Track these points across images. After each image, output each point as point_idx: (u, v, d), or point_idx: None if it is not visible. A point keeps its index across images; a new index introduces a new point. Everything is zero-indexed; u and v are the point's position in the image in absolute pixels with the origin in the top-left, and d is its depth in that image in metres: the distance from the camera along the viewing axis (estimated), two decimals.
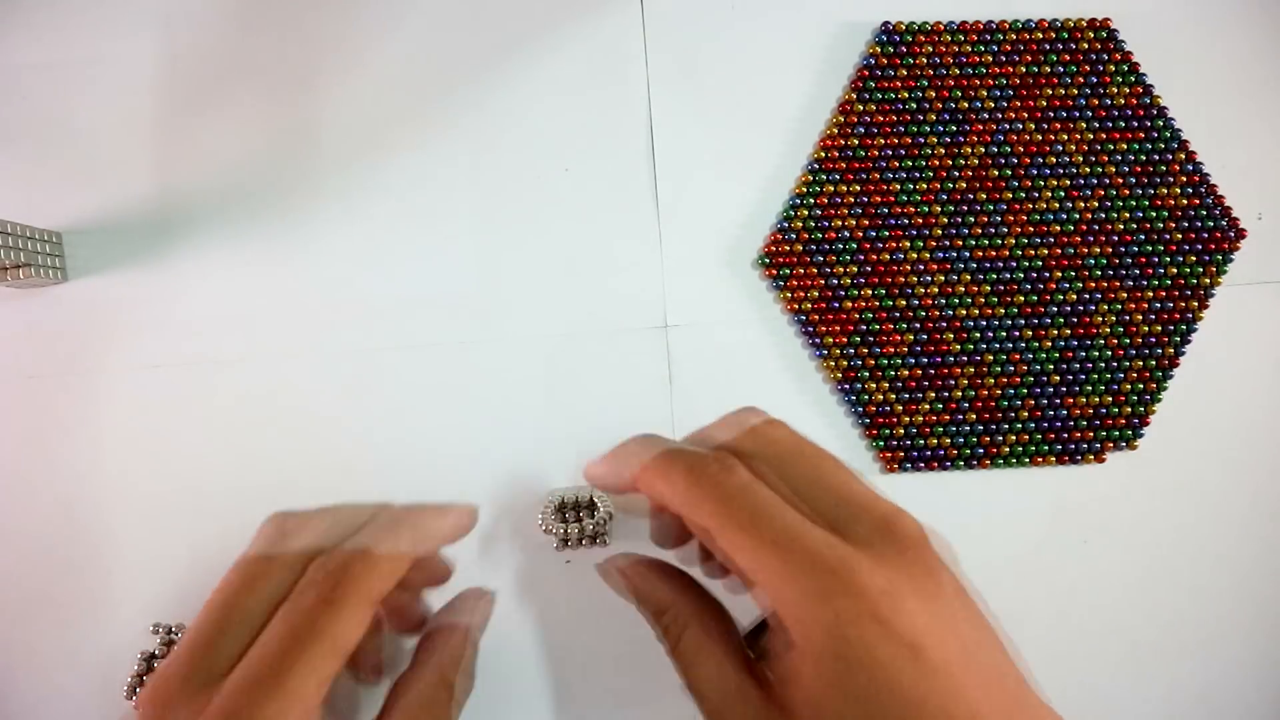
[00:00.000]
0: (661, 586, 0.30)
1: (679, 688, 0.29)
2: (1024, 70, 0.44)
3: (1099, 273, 0.43)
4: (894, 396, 0.43)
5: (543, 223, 0.43)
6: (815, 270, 0.43)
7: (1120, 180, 0.44)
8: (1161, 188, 0.44)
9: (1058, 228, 0.43)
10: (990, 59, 0.44)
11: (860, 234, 0.43)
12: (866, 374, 0.43)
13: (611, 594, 0.42)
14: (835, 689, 0.21)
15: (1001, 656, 0.23)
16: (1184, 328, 0.43)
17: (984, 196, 0.43)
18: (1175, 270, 0.43)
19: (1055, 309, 0.43)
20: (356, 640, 0.26)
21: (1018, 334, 0.43)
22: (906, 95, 0.44)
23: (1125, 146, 0.44)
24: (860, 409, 0.43)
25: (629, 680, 0.41)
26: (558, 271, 0.43)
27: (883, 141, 0.43)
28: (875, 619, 0.21)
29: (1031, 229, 0.43)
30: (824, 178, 0.43)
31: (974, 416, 0.43)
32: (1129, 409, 0.43)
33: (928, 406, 0.43)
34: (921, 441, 0.43)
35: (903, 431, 0.43)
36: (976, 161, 0.43)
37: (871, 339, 0.43)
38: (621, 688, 0.41)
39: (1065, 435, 0.43)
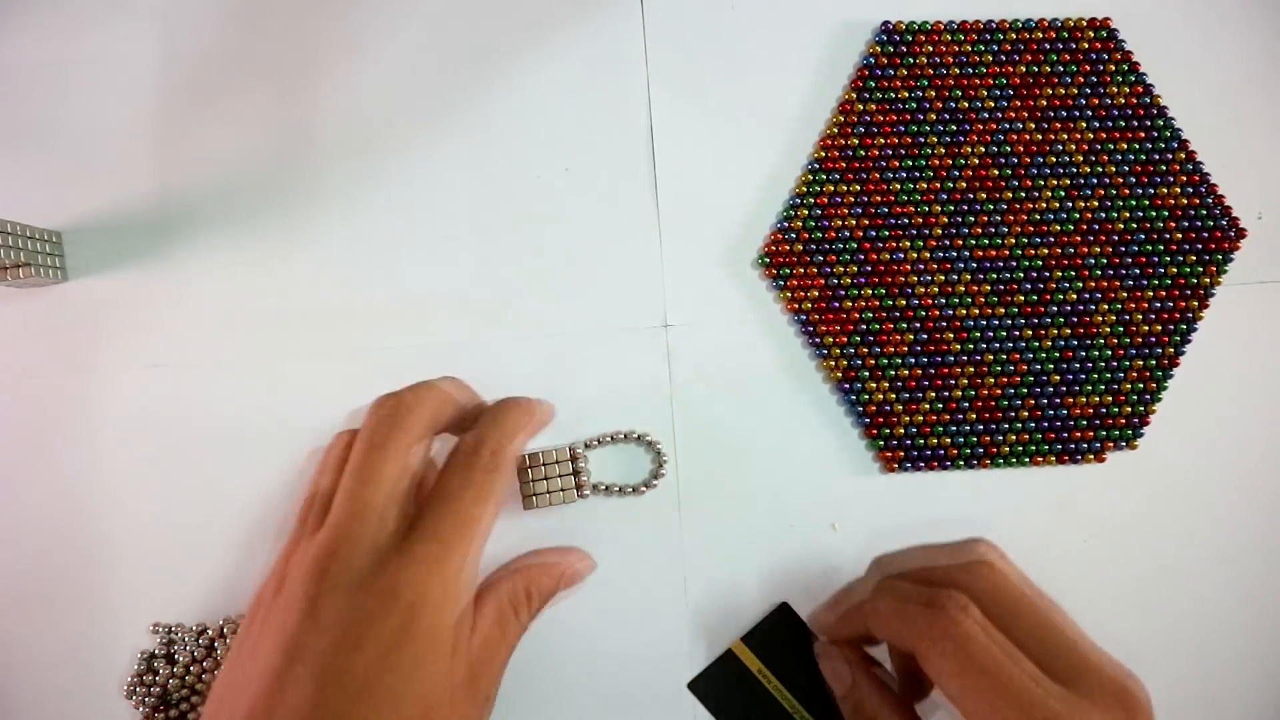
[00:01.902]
0: (883, 696, 0.33)
1: (677, 687, 0.29)
2: (1024, 70, 0.44)
3: (1099, 273, 0.43)
4: (894, 396, 0.43)
5: (543, 223, 0.43)
6: (815, 270, 0.43)
7: (1120, 180, 0.44)
8: (1161, 188, 0.44)
9: (1058, 228, 0.43)
10: (990, 59, 0.44)
11: (860, 234, 0.43)
12: (866, 374, 0.43)
13: (608, 594, 0.42)
14: None
15: None
16: (1184, 328, 0.43)
17: (984, 196, 0.43)
18: (1175, 270, 0.43)
19: (1055, 309, 0.43)
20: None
21: (1018, 334, 0.43)
22: (906, 95, 0.44)
23: (1125, 146, 0.44)
24: (860, 409, 0.43)
25: (630, 679, 0.41)
26: (558, 271, 0.43)
27: (883, 141, 0.43)
28: None
29: (1031, 229, 0.43)
30: (824, 178, 0.43)
31: (974, 416, 0.43)
32: (1129, 409, 0.43)
33: (928, 406, 0.43)
34: (921, 441, 0.43)
35: (903, 431, 0.43)
36: (976, 161, 0.43)
37: (871, 339, 0.43)
38: (622, 687, 0.41)
39: (1065, 435, 0.43)
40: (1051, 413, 0.43)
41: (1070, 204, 0.43)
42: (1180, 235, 0.43)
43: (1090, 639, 0.27)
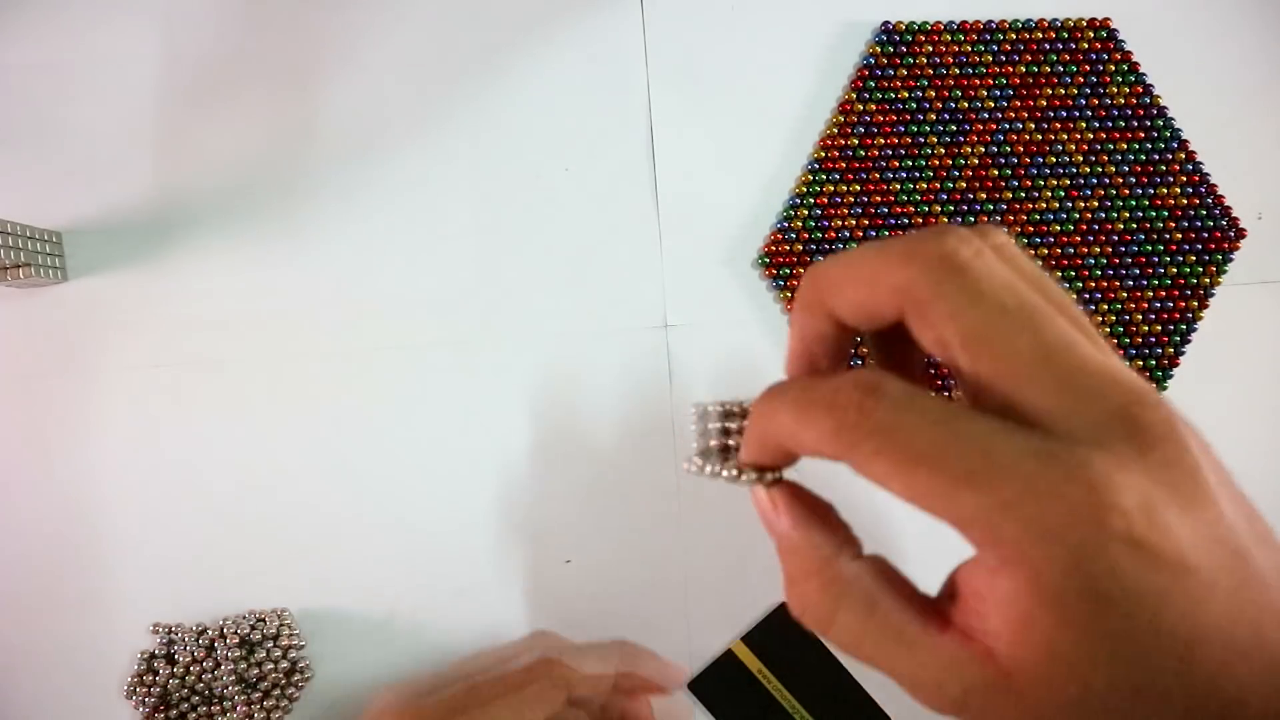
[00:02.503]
0: (823, 537, 0.23)
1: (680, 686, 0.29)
2: (1024, 70, 0.44)
3: (1099, 273, 0.43)
4: None
5: (543, 223, 0.43)
6: None
7: (1120, 180, 0.44)
8: (1161, 188, 0.44)
9: (1058, 228, 0.43)
10: (990, 59, 0.44)
11: (860, 234, 0.43)
12: None
13: (608, 594, 0.42)
14: (1084, 638, 0.16)
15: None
16: (1184, 328, 0.43)
17: (984, 196, 0.43)
18: (1175, 270, 0.43)
19: None
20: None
21: None
22: (906, 95, 0.44)
23: (1125, 146, 0.44)
24: None
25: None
26: (558, 271, 0.43)
27: (883, 141, 0.43)
28: (1129, 543, 0.16)
29: (1031, 229, 0.43)
30: (824, 178, 0.43)
31: None
32: None
33: None
34: None
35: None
36: (976, 161, 0.43)
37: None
38: None
39: None
40: None
41: (1070, 204, 0.43)
42: (1180, 235, 0.43)
43: (1099, 339, 0.20)
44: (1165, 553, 0.17)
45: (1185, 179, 0.44)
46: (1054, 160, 0.44)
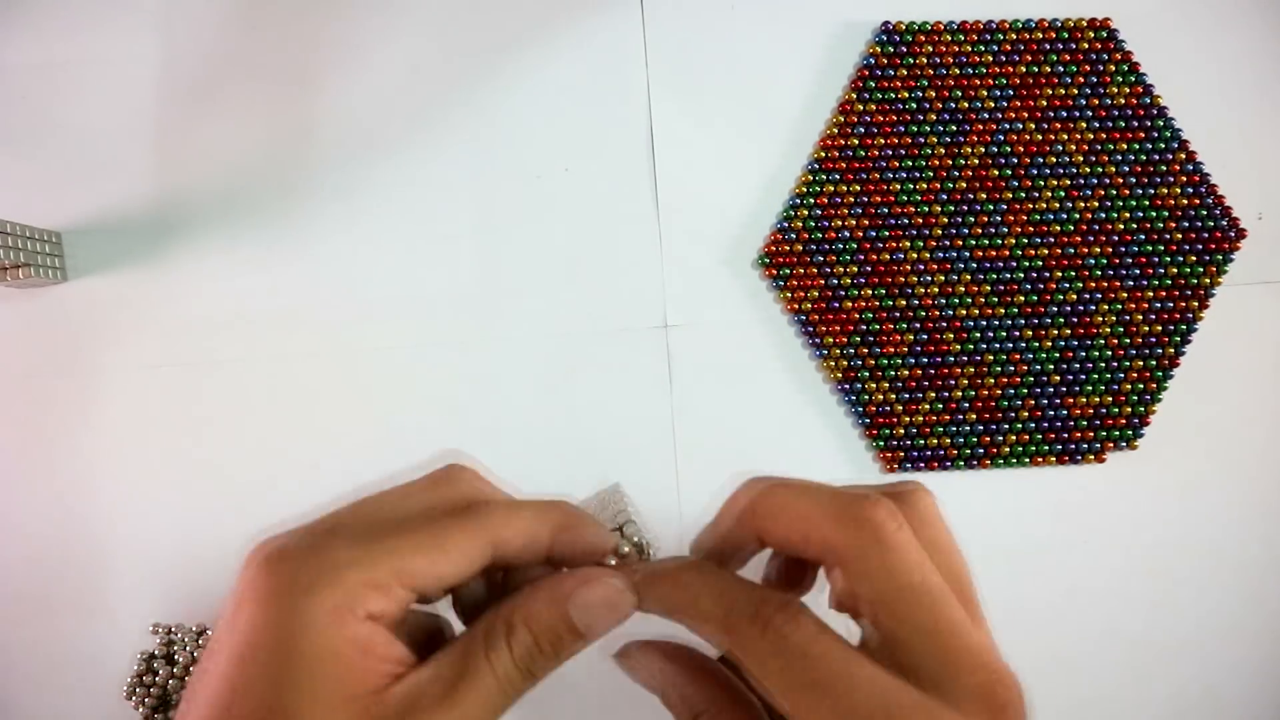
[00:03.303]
0: (698, 686, 0.27)
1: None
2: (1024, 70, 0.44)
3: (1099, 273, 0.43)
4: (894, 396, 0.43)
5: (543, 223, 0.43)
6: (815, 270, 0.43)
7: (1120, 180, 0.44)
8: (1161, 188, 0.44)
9: (1058, 228, 0.43)
10: (990, 59, 0.44)
11: (860, 234, 0.43)
12: (866, 374, 0.43)
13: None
14: None
15: None
16: (1184, 328, 0.43)
17: (984, 196, 0.43)
18: (1175, 270, 0.43)
19: (1055, 309, 0.43)
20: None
21: (1018, 334, 0.43)
22: (906, 95, 0.44)
23: (1125, 146, 0.44)
24: (860, 409, 0.43)
25: (629, 679, 0.41)
26: (558, 271, 0.43)
27: (883, 141, 0.43)
28: None
29: (1031, 229, 0.43)
30: (824, 178, 0.43)
31: (974, 416, 0.43)
32: (1129, 409, 0.43)
33: (928, 406, 0.43)
34: (921, 441, 0.43)
35: (903, 431, 0.43)
36: (976, 161, 0.43)
37: (871, 339, 0.43)
38: (621, 687, 0.41)
39: (1065, 435, 0.43)
40: (1051, 413, 0.43)
41: (1070, 204, 0.43)
42: (1180, 235, 0.43)
43: (963, 629, 0.23)
44: None
45: (1185, 179, 0.44)
46: (1054, 160, 0.44)
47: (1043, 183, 0.43)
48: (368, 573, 0.22)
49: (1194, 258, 0.43)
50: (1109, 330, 0.43)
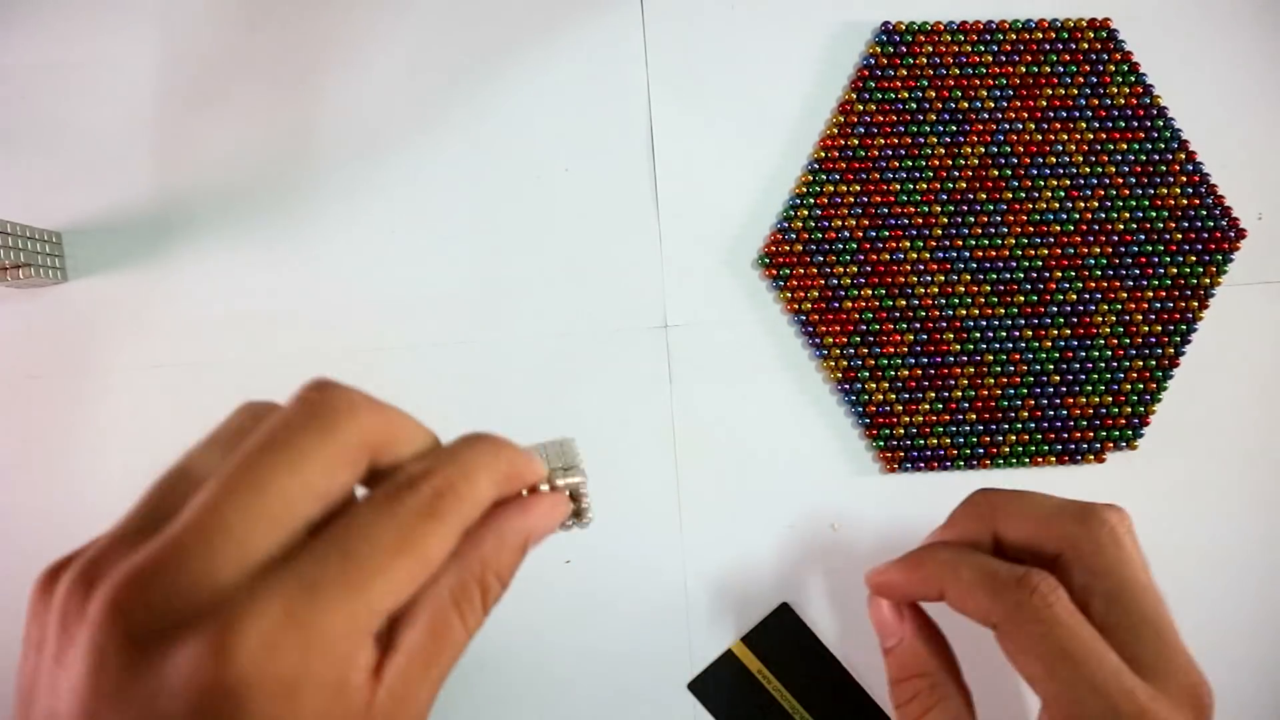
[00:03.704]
0: (935, 652, 0.30)
1: (677, 687, 0.29)
2: (1024, 70, 0.44)
3: (1099, 273, 0.43)
4: (894, 396, 0.43)
5: (543, 223, 0.43)
6: (815, 270, 0.43)
7: (1120, 180, 0.44)
8: (1161, 188, 0.44)
9: (1058, 228, 0.43)
10: (990, 59, 0.44)
11: (860, 234, 0.43)
12: (866, 374, 0.43)
13: (608, 594, 0.42)
14: None
15: None
16: (1184, 328, 0.43)
17: (984, 196, 0.43)
18: (1175, 270, 0.43)
19: (1055, 309, 0.43)
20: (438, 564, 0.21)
21: (1018, 334, 0.43)
22: (906, 95, 0.44)
23: (1125, 146, 0.44)
24: (860, 409, 0.43)
25: (630, 679, 0.41)
26: (558, 271, 0.43)
27: (883, 141, 0.43)
28: None
29: (1031, 229, 0.43)
30: (824, 178, 0.43)
31: (974, 416, 0.43)
32: (1129, 409, 0.43)
33: (928, 406, 0.43)
34: (921, 441, 0.43)
35: (903, 431, 0.43)
36: (976, 161, 0.43)
37: (871, 339, 0.43)
38: (621, 687, 0.41)
39: (1065, 435, 0.43)
40: (1051, 413, 0.43)
41: (1070, 204, 0.43)
42: (1180, 235, 0.43)
43: (1177, 634, 0.28)
44: None
45: (1185, 179, 0.44)
46: (1054, 160, 0.44)
47: (1043, 183, 0.43)
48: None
49: (1194, 258, 0.43)
50: (1109, 330, 0.43)
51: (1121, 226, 0.43)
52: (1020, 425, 0.43)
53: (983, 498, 0.31)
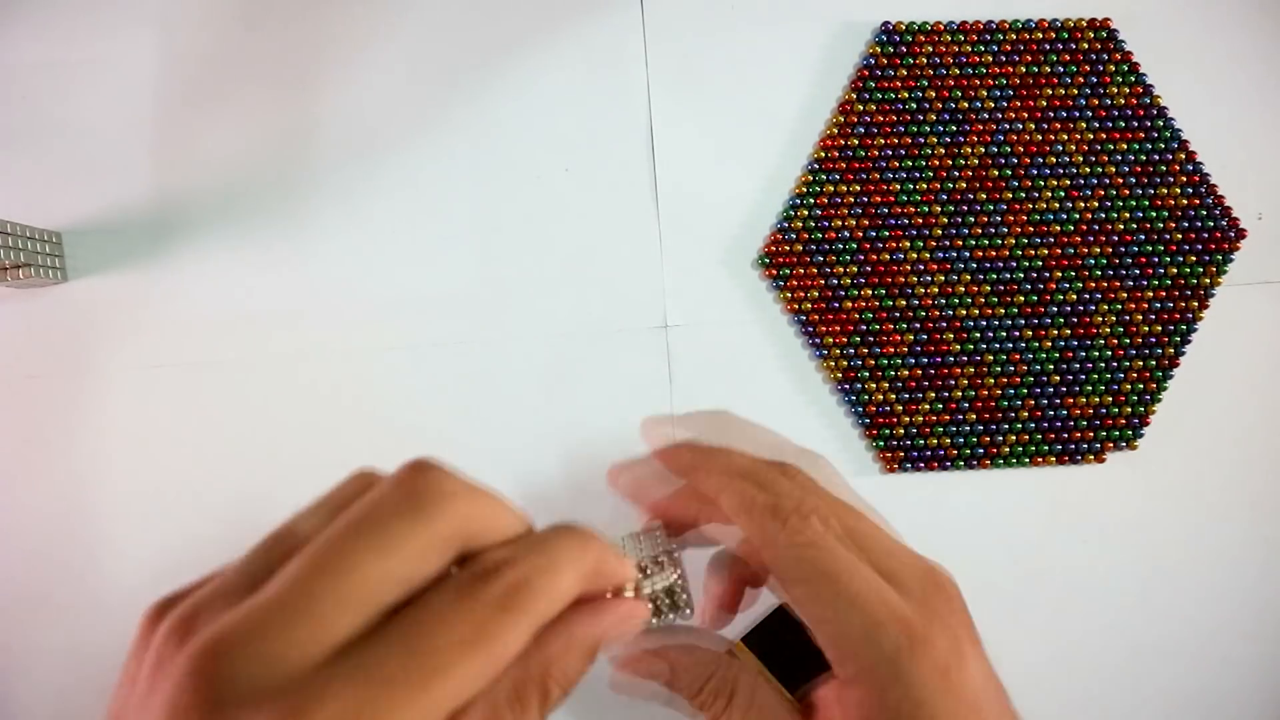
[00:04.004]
0: (699, 656, 0.29)
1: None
2: (1024, 70, 0.44)
3: (1099, 273, 0.43)
4: (894, 396, 0.43)
5: (543, 223, 0.43)
6: (815, 270, 0.43)
7: (1120, 180, 0.44)
8: (1161, 188, 0.44)
9: (1058, 228, 0.43)
10: (990, 59, 0.44)
11: (860, 234, 0.43)
12: (866, 374, 0.43)
13: None
14: None
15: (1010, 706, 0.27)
16: (1184, 328, 0.43)
17: (984, 196, 0.43)
18: (1175, 270, 0.43)
19: (1055, 309, 0.43)
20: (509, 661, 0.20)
21: (1018, 334, 0.43)
22: (906, 95, 0.44)
23: (1125, 146, 0.44)
24: (860, 409, 0.43)
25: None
26: (558, 271, 0.43)
27: (883, 141, 0.43)
28: (943, 676, 0.24)
29: (1031, 229, 0.43)
30: (824, 178, 0.43)
31: (974, 416, 0.43)
32: (1129, 409, 0.43)
33: (928, 406, 0.43)
34: (921, 441, 0.43)
35: (903, 431, 0.43)
36: (976, 161, 0.43)
37: (871, 339, 0.43)
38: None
39: (1065, 435, 0.43)
40: (1051, 413, 0.43)
41: (1070, 204, 0.43)
42: (1180, 235, 0.43)
43: (898, 536, 0.28)
44: (965, 692, 0.24)
45: (1185, 179, 0.44)
46: (1054, 160, 0.44)
47: (1043, 183, 0.43)
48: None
49: (1194, 258, 0.43)
50: (1109, 330, 0.43)
51: (1121, 226, 0.43)
52: (1020, 425, 0.43)
53: (688, 451, 0.32)
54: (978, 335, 0.43)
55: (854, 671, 0.25)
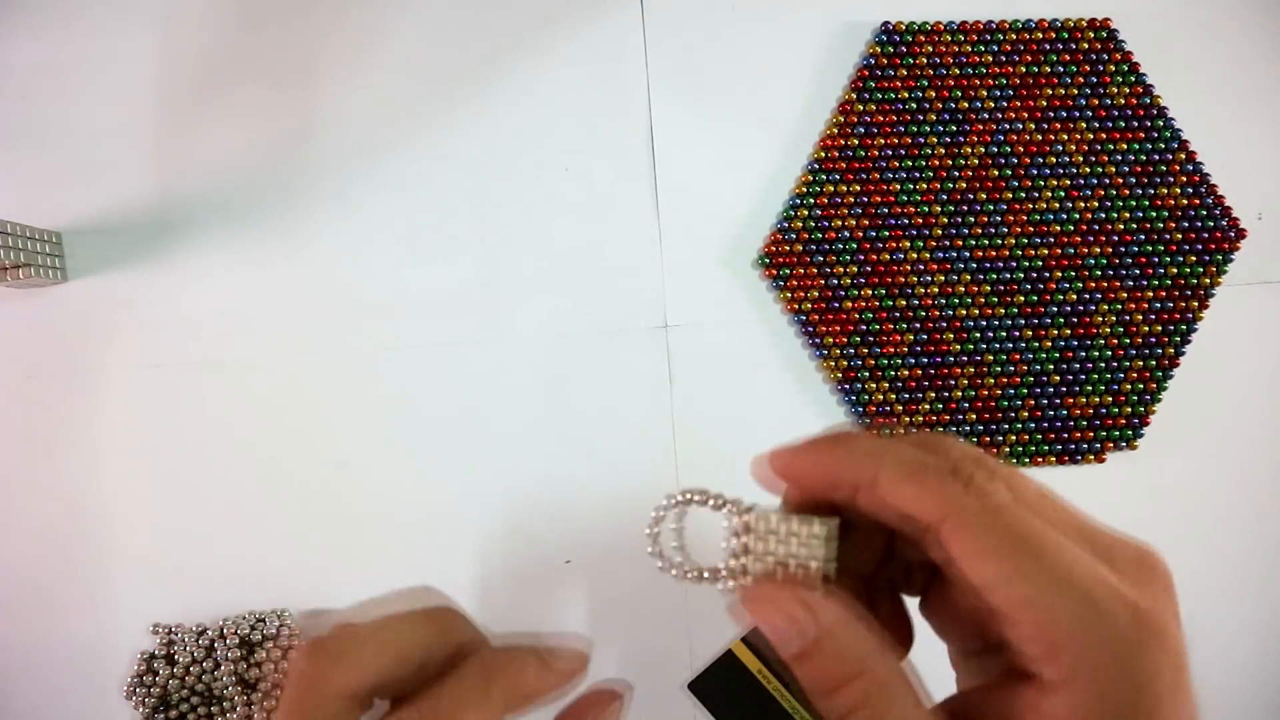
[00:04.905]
0: (863, 641, 0.22)
1: (677, 687, 0.29)
2: (1024, 70, 0.44)
3: (1099, 273, 0.43)
4: (894, 396, 0.43)
5: (543, 223, 0.43)
6: (815, 270, 0.43)
7: (1120, 180, 0.44)
8: (1161, 188, 0.44)
9: (1058, 228, 0.43)
10: (990, 59, 0.44)
11: (860, 234, 0.43)
12: (866, 374, 0.43)
13: (612, 595, 0.42)
14: None
15: None
16: (1184, 328, 0.43)
17: (984, 196, 0.43)
18: (1175, 270, 0.43)
19: (1055, 309, 0.43)
20: None
21: (1018, 334, 0.43)
22: (906, 95, 0.44)
23: (1125, 146, 0.44)
24: (860, 409, 0.43)
25: (630, 679, 0.41)
26: (558, 271, 0.43)
27: (883, 141, 0.43)
28: (1177, 676, 0.20)
29: (1031, 229, 0.43)
30: (824, 178, 0.43)
31: (974, 416, 0.43)
32: (1129, 409, 0.43)
33: (928, 406, 0.43)
34: None
35: (903, 431, 0.43)
36: (976, 161, 0.43)
37: (871, 339, 0.43)
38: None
39: (1065, 435, 0.43)
40: (1051, 413, 0.43)
41: (1070, 204, 0.43)
42: (1180, 235, 0.43)
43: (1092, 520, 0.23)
44: (1189, 686, 0.20)
45: (1185, 179, 0.44)
46: (1054, 160, 0.44)
47: (1043, 183, 0.43)
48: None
49: (1194, 258, 0.43)
50: (1109, 330, 0.43)
51: (1121, 226, 0.43)
52: (1020, 425, 0.43)
53: (867, 441, 0.23)
54: (978, 335, 0.43)
55: (1068, 669, 0.19)
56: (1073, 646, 0.19)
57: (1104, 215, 0.43)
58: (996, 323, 0.43)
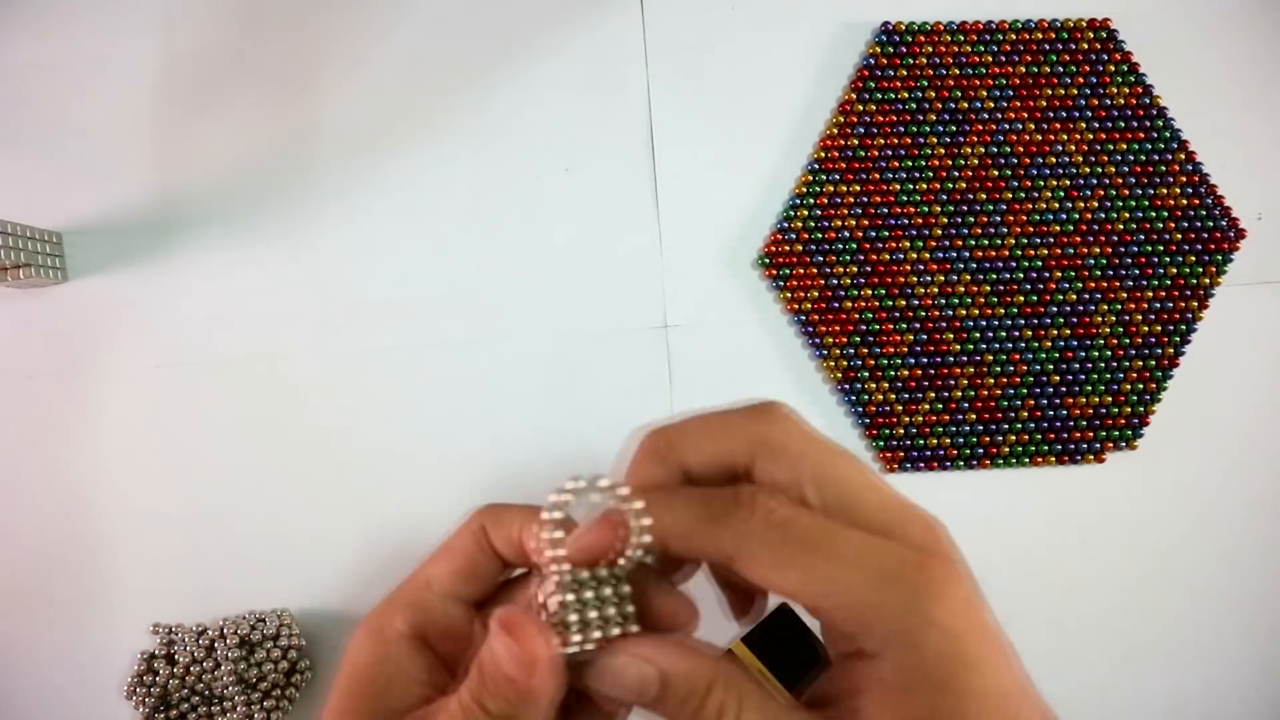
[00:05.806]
0: (700, 660, 0.25)
1: None
2: (1024, 70, 0.44)
3: (1099, 273, 0.43)
4: (894, 396, 0.43)
5: (543, 223, 0.43)
6: (815, 270, 0.43)
7: (1120, 180, 0.44)
8: (1161, 188, 0.44)
9: (1058, 228, 0.43)
10: (990, 59, 0.44)
11: (860, 234, 0.43)
12: (866, 374, 0.43)
13: None
14: (925, 687, 0.21)
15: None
16: (1184, 328, 0.43)
17: (984, 196, 0.43)
18: (1175, 270, 0.43)
19: (1055, 309, 0.43)
20: None
21: (1018, 334, 0.43)
22: (906, 95, 0.44)
23: (1125, 146, 0.44)
24: (860, 409, 0.43)
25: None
26: (558, 271, 0.43)
27: (883, 141, 0.43)
28: (972, 611, 0.22)
29: (1031, 229, 0.43)
30: (824, 178, 0.43)
31: (974, 416, 0.43)
32: (1129, 409, 0.43)
33: (928, 406, 0.43)
34: (921, 441, 0.43)
35: (903, 431, 0.43)
36: (976, 161, 0.43)
37: (871, 339, 0.43)
38: None
39: (1065, 435, 0.43)
40: (1051, 413, 0.43)
41: (1070, 204, 0.43)
42: (1180, 235, 0.43)
43: (884, 481, 0.24)
44: (990, 634, 0.22)
45: (1185, 179, 0.44)
46: (1054, 160, 0.44)
47: (1043, 183, 0.43)
48: (391, 598, 0.26)
49: (1194, 258, 0.43)
50: (1109, 330, 0.43)
51: (1121, 226, 0.43)
52: (1020, 425, 0.43)
53: (659, 436, 0.27)
54: (978, 335, 0.43)
55: (882, 637, 0.21)
56: (879, 617, 0.21)
57: (1104, 215, 0.44)
58: (996, 323, 0.43)
